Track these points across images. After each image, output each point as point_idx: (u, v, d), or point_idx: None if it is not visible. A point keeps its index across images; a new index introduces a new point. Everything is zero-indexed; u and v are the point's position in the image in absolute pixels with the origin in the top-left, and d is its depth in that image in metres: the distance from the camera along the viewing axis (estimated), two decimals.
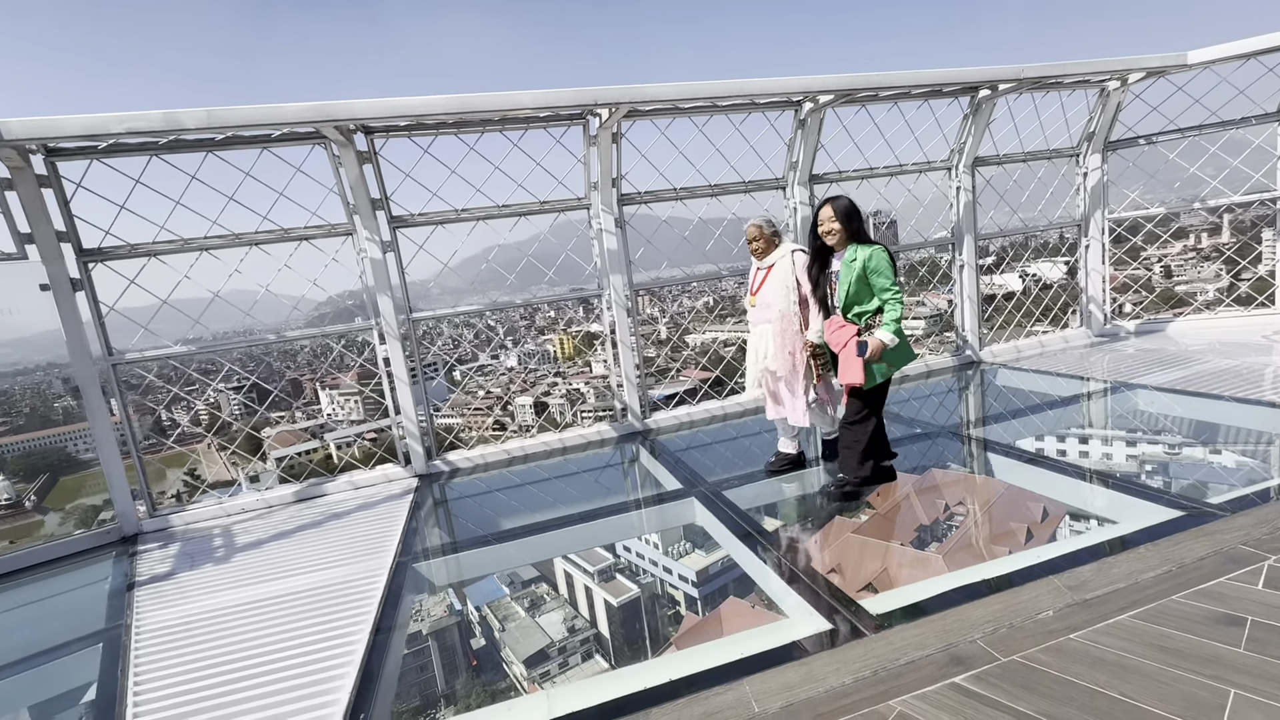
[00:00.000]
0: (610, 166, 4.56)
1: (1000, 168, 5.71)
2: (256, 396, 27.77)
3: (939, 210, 5.79)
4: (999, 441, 4.09)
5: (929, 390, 5.55)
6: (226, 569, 3.45)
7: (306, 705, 2.16)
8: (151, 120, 3.22)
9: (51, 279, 3.81)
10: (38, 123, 3.12)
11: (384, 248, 4.34)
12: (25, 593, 3.62)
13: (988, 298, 6.28)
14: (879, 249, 3.04)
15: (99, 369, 3.98)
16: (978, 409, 5.09)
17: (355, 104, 3.56)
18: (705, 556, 3.29)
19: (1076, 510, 3.17)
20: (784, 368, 3.47)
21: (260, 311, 4.39)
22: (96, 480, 20.29)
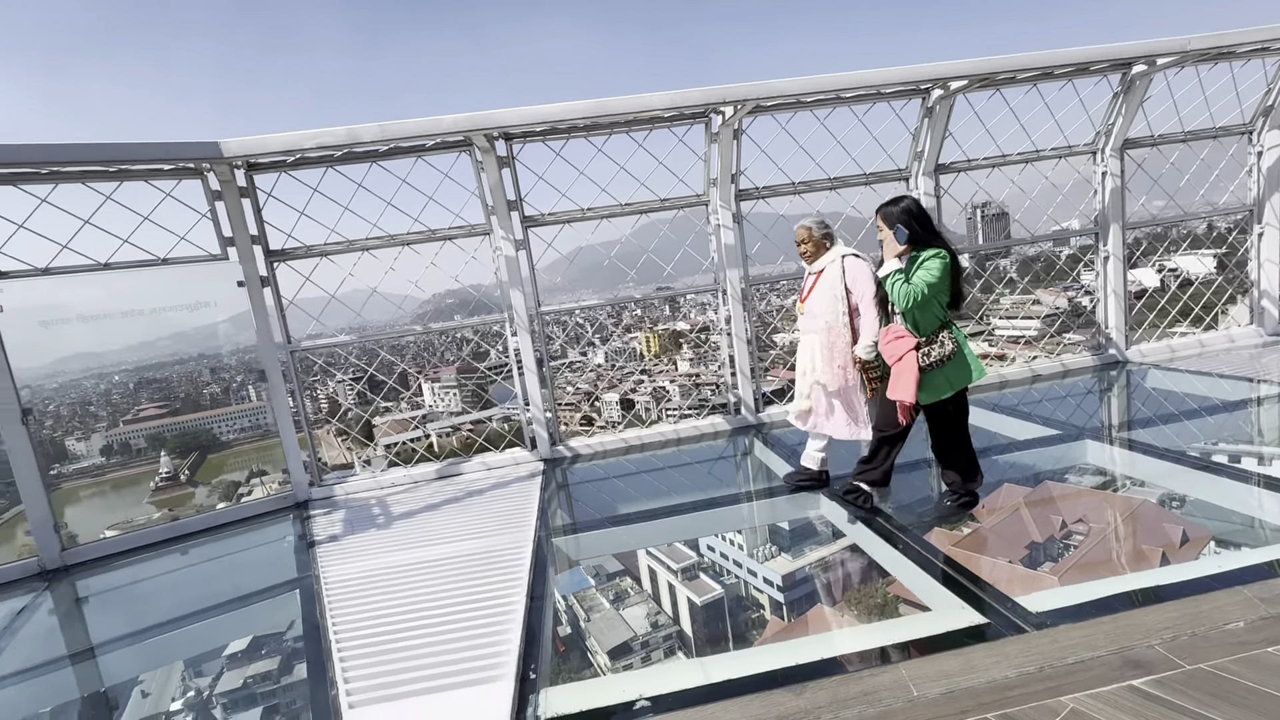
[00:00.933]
0: (730, 162, 4.64)
1: (1155, 149, 5.23)
2: (370, 387, 29.92)
3: (1078, 198, 5.39)
4: (1155, 445, 3.78)
5: (1065, 391, 5.19)
6: (388, 533, 3.87)
7: (482, 654, 2.41)
8: (337, 135, 3.68)
9: (246, 277, 4.41)
10: (248, 141, 3.66)
11: (517, 245, 4.66)
12: (231, 544, 4.24)
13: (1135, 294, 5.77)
14: (939, 251, 2.78)
15: (280, 355, 4.57)
16: (1124, 411, 4.71)
17: (503, 113, 3.86)
18: (830, 547, 3.31)
19: (1247, 521, 2.91)
20: (835, 382, 3.26)
21: (372, 311, 4.87)
22: (236, 458, 22.58)
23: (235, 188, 4.13)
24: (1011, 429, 4.45)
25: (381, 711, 2.17)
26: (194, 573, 4.02)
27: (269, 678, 2.73)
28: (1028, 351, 6.97)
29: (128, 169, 3.75)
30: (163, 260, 4.21)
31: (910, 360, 2.82)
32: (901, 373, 2.85)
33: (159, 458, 23.65)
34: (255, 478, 24.66)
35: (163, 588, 3.86)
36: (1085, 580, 2.46)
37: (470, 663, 2.37)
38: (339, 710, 2.20)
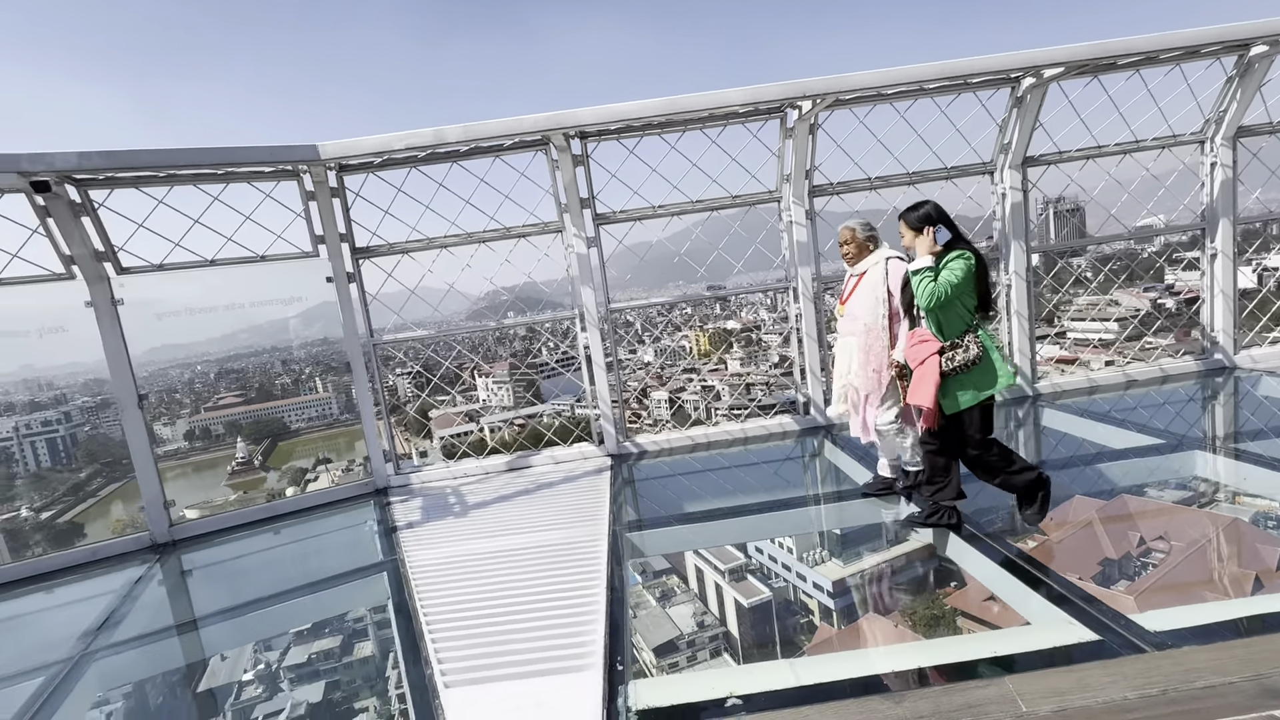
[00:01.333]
0: (805, 158, 4.55)
1: (1273, 137, 4.81)
2: (426, 382, 30.91)
3: (1180, 191, 5.02)
4: (1272, 459, 3.49)
5: (1164, 397, 4.85)
6: (465, 521, 4.00)
7: (568, 643, 2.45)
8: (424, 136, 3.82)
9: (334, 273, 4.64)
10: (343, 144, 3.84)
11: (588, 242, 4.72)
12: (318, 526, 4.47)
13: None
14: (962, 255, 2.70)
15: (363, 346, 4.78)
16: (1235, 421, 4.37)
17: (581, 112, 3.91)
18: (908, 553, 3.21)
19: None
20: (868, 386, 3.21)
21: (425, 308, 5.02)
22: (304, 445, 23.75)
23: (327, 188, 4.34)
24: (1104, 436, 4.20)
25: (475, 693, 2.24)
26: (288, 551, 4.26)
27: (366, 653, 2.86)
28: (1103, 355, 6.57)
29: (234, 171, 4.00)
30: (261, 257, 4.48)
31: (932, 364, 2.73)
32: (922, 377, 2.76)
33: (235, 443, 25.21)
34: (320, 465, 25.97)
35: (260, 564, 4.12)
36: (1206, 600, 2.29)
37: (557, 651, 2.42)
38: (435, 689, 2.28)
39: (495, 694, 2.21)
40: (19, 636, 3.52)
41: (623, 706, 2.08)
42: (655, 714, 2.06)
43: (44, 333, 4.06)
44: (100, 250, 4.00)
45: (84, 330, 4.15)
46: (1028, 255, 4.84)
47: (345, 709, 2.87)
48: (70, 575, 4.03)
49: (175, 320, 4.44)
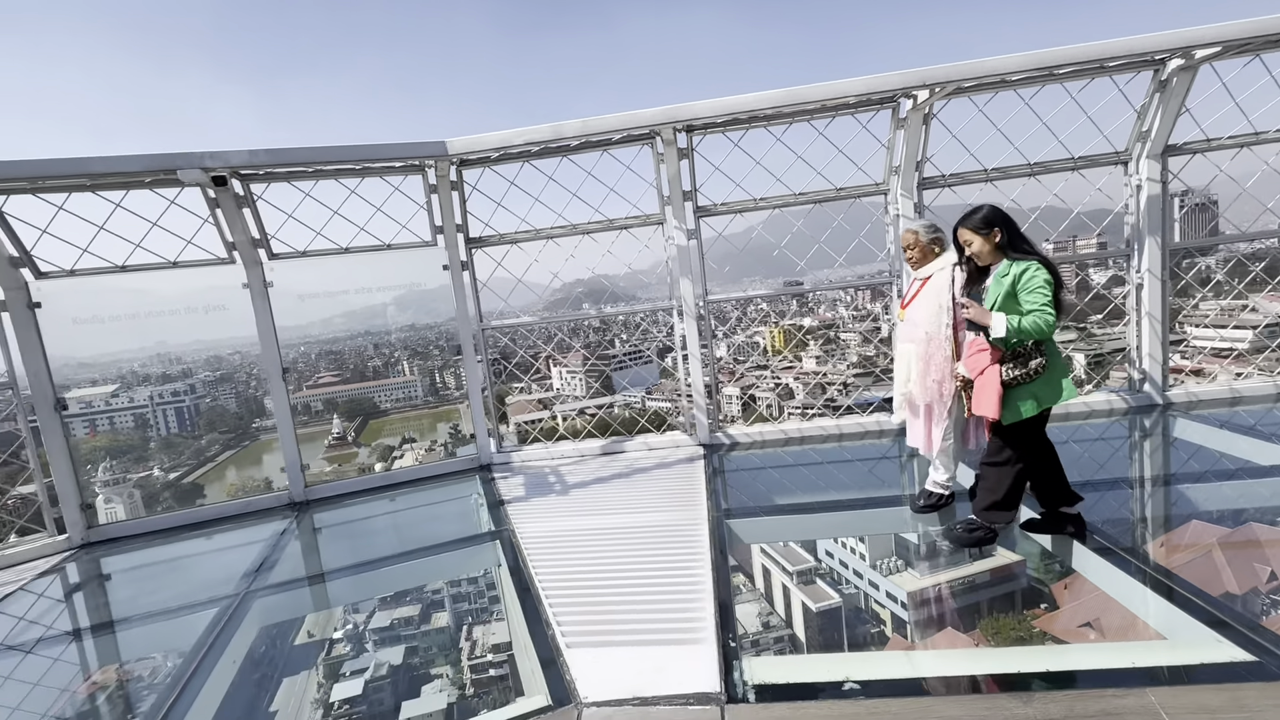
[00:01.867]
0: (916, 149, 4.42)
1: None
2: (504, 369, 32.01)
3: None
4: None
5: None
6: (567, 499, 4.20)
7: (679, 617, 2.56)
8: (541, 132, 4.03)
9: (450, 261, 4.97)
10: (468, 140, 4.12)
11: (689, 234, 4.80)
12: (431, 495, 4.83)
13: None
14: (1035, 264, 2.53)
15: (474, 331, 5.09)
16: None
17: (693, 105, 3.99)
18: (991, 565, 3.09)
19: None
20: (926, 396, 3.08)
21: (519, 297, 5.22)
22: (392, 425, 25.24)
23: (448, 182, 4.65)
24: (1244, 451, 3.85)
25: (594, 654, 2.39)
26: (405, 516, 4.64)
27: (491, 611, 3.10)
28: (1238, 366, 5.98)
29: (370, 166, 4.37)
30: (388, 246, 4.87)
31: (993, 374, 2.62)
32: (984, 387, 2.65)
33: (331, 420, 27.22)
34: (406, 443, 27.62)
35: (383, 526, 4.50)
36: None
37: (670, 624, 2.53)
38: (559, 647, 2.46)
39: (617, 657, 2.35)
40: (195, 572, 4.05)
41: (739, 679, 2.16)
42: (771, 689, 2.12)
43: (209, 309, 4.58)
44: (256, 238, 4.48)
45: (227, 309, 4.68)
46: (1164, 253, 4.48)
47: (476, 656, 3.13)
48: (226, 524, 4.58)
49: (283, 302, 4.84)
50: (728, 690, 2.09)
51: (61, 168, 3.61)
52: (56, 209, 3.99)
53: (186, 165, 3.62)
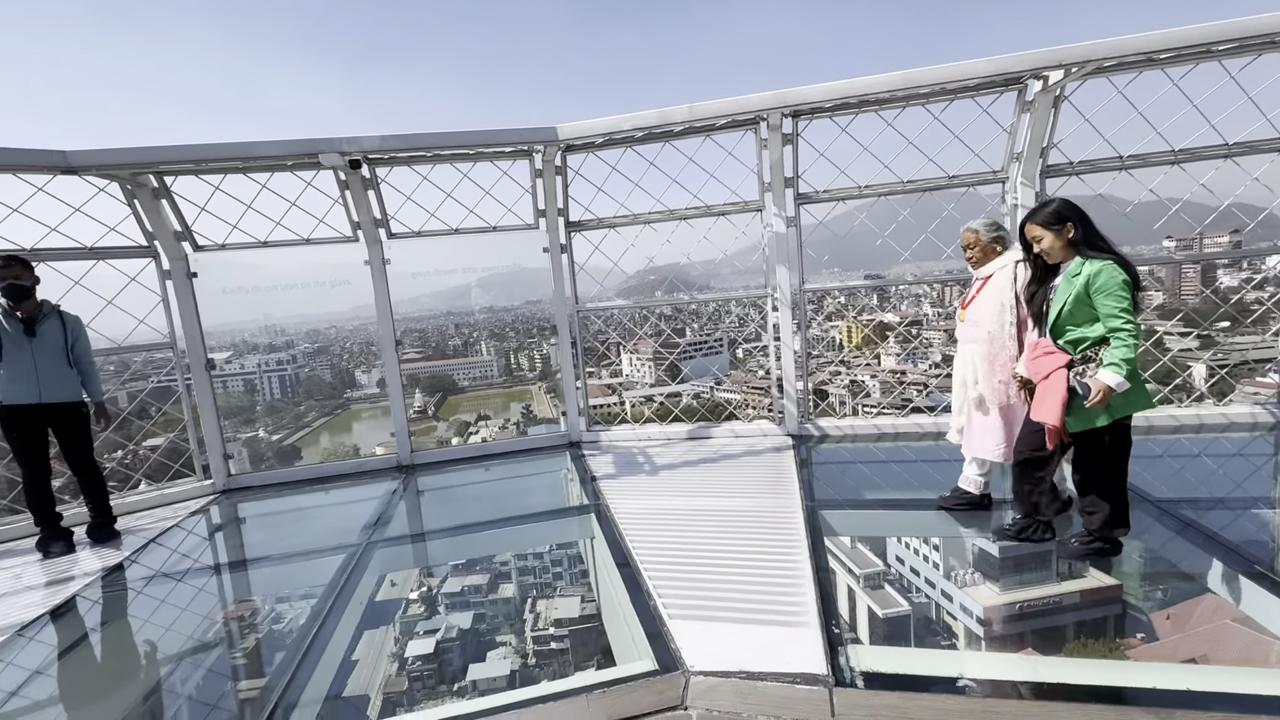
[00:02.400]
0: (1043, 134, 4.15)
1: None
2: (579, 352, 32.62)
3: None
4: None
5: None
6: (658, 480, 4.29)
7: (781, 599, 2.59)
8: (648, 118, 4.10)
9: (550, 244, 5.14)
10: (579, 125, 4.24)
11: (788, 222, 4.74)
12: (524, 467, 5.08)
13: None
14: (1111, 264, 2.36)
15: (569, 313, 5.26)
16: None
17: (804, 90, 3.92)
18: (1082, 586, 2.88)
19: None
20: (995, 397, 2.98)
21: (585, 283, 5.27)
22: (469, 402, 26.38)
23: (553, 166, 4.81)
24: None
25: (698, 628, 2.45)
26: (502, 485, 4.90)
27: (592, 577, 3.24)
28: None
29: (484, 151, 4.59)
30: (493, 228, 5.11)
31: (1059, 379, 2.45)
32: (1047, 391, 2.50)
33: (414, 394, 28.90)
34: (480, 420, 28.93)
35: (481, 492, 4.78)
36: None
37: (771, 605, 2.56)
38: (661, 618, 2.55)
39: (720, 632, 2.41)
40: (320, 522, 4.47)
41: (845, 664, 2.17)
42: (879, 678, 2.12)
43: (335, 284, 4.99)
44: (378, 218, 4.82)
45: (348, 284, 5.05)
46: None
47: (581, 621, 3.29)
48: (343, 480, 5.01)
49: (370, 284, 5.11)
50: (835, 674, 2.11)
51: (222, 151, 4.02)
52: (214, 189, 4.46)
53: (328, 149, 3.95)
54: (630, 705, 2.09)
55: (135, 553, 3.80)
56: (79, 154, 3.75)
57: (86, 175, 3.98)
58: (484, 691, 2.82)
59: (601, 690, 2.15)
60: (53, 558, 3.75)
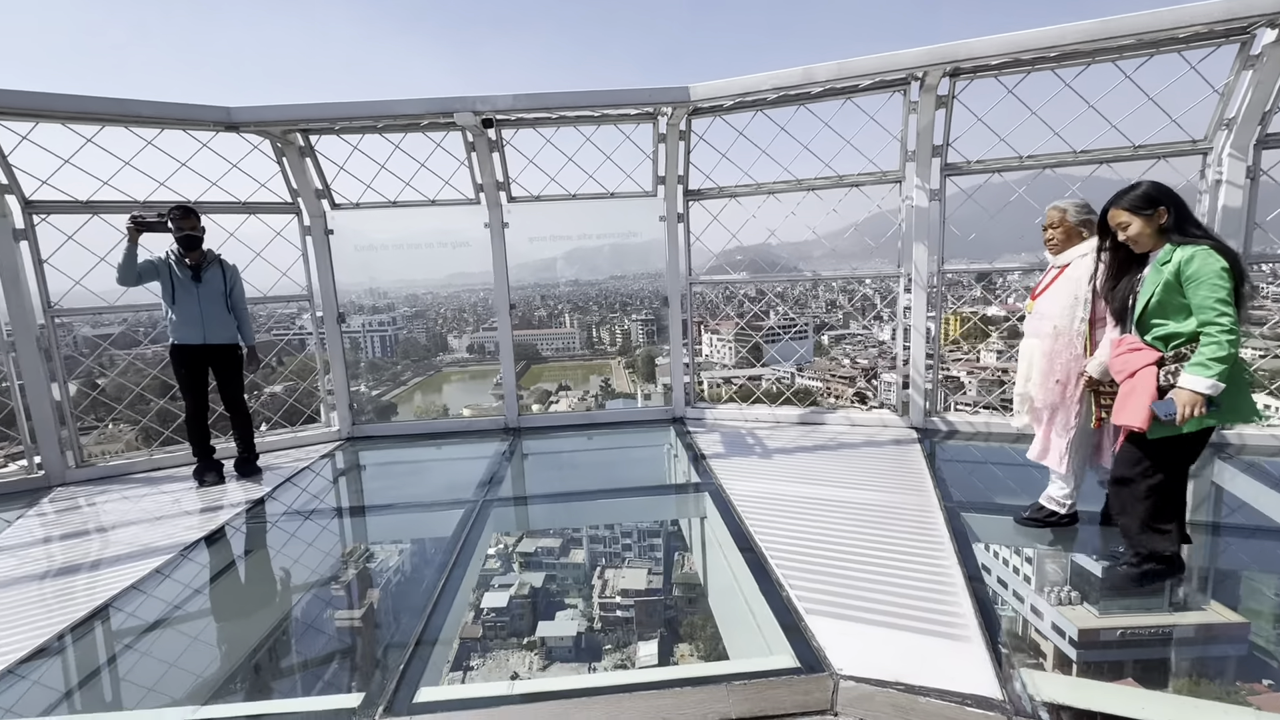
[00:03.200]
0: (1267, 96, 3.48)
1: None
2: (656, 330, 32.34)
3: None
4: None
5: None
6: (772, 463, 4.09)
7: (933, 605, 2.35)
8: (792, 76, 3.80)
9: (667, 213, 4.97)
10: (714, 85, 4.02)
11: (930, 195, 4.30)
12: (626, 439, 5.03)
13: None
14: (1206, 249, 2.08)
15: (682, 286, 5.09)
16: None
17: (974, 43, 3.49)
18: (1198, 619, 2.41)
19: None
20: (1047, 399, 2.73)
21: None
22: (550, 372, 27.18)
23: (678, 131, 4.61)
24: None
25: (838, 627, 2.26)
26: (606, 455, 4.88)
27: (698, 557, 3.12)
28: None
29: (608, 113, 4.46)
30: (611, 194, 5.00)
31: (1147, 378, 2.20)
32: (1133, 391, 2.23)
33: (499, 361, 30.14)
34: (561, 390, 29.71)
35: (586, 460, 4.78)
36: None
37: (922, 612, 2.32)
38: (797, 611, 2.37)
39: (868, 635, 2.21)
40: (436, 475, 4.65)
41: (1022, 691, 1.92)
42: (1065, 711, 1.85)
43: (456, 245, 5.08)
44: (500, 181, 4.83)
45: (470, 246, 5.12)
46: None
47: (694, 601, 3.20)
48: (454, 438, 5.16)
49: (468, 251, 5.09)
50: (1011, 700, 1.86)
51: (364, 109, 4.13)
52: (353, 148, 4.62)
53: (462, 108, 3.96)
54: (772, 702, 1.94)
55: (275, 489, 4.07)
56: (240, 110, 3.96)
57: (245, 131, 4.21)
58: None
59: (742, 682, 2.01)
60: (206, 486, 4.09)
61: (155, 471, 4.49)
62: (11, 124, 3.81)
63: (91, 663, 2.42)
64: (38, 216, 4.10)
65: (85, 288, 4.22)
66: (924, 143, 4.18)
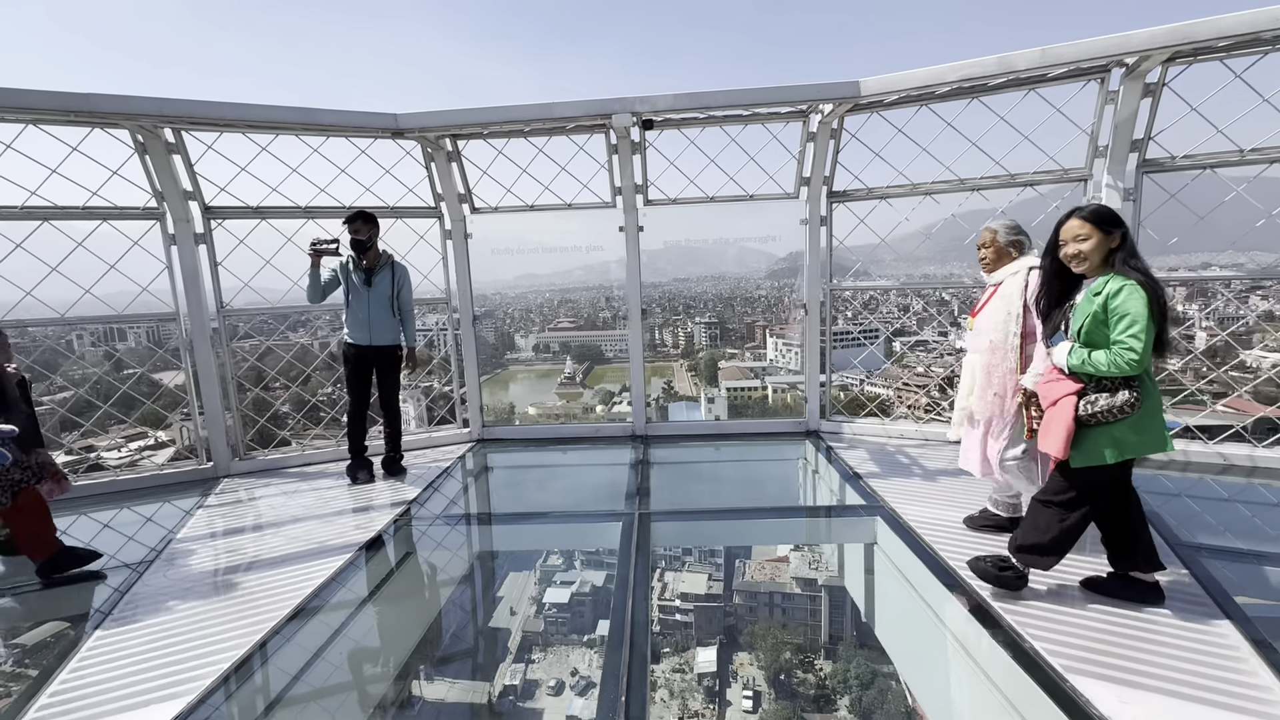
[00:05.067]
0: None
1: None
2: (720, 334, 31.52)
3: None
4: None
5: None
6: (945, 487, 3.74)
7: (1218, 676, 2.02)
8: (985, 65, 3.49)
9: (810, 216, 4.73)
10: (889, 78, 3.75)
11: (1125, 195, 3.87)
12: (756, 451, 4.83)
13: None
14: (1134, 285, 2.10)
15: (821, 291, 4.83)
16: None
17: (1223, 20, 3.07)
18: None
19: None
20: (986, 411, 2.81)
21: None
22: (612, 373, 27.28)
23: (829, 129, 4.36)
24: None
25: (1112, 692, 1.97)
26: (739, 468, 4.69)
27: (908, 591, 2.88)
28: None
29: (759, 112, 4.27)
30: (750, 196, 4.81)
31: (1066, 406, 2.25)
32: (1053, 420, 2.30)
33: (565, 361, 30.45)
34: (624, 391, 29.73)
35: (721, 472, 4.61)
36: None
37: (1202, 678, 2.00)
38: (1050, 667, 2.10)
39: (1152, 705, 1.91)
40: (578, 483, 4.61)
41: None
42: None
43: (589, 249, 5.03)
44: (639, 184, 4.73)
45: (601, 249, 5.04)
46: None
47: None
48: (581, 444, 5.11)
49: (534, 255, 4.95)
50: None
51: (524, 113, 4.12)
52: (497, 152, 4.64)
53: (620, 109, 3.87)
54: None
55: (425, 490, 4.11)
56: (406, 116, 4.03)
57: (408, 137, 4.29)
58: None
59: None
60: (359, 484, 4.18)
61: (307, 466, 4.65)
62: (201, 134, 4.02)
63: (315, 643, 2.50)
64: (214, 221, 4.32)
65: (253, 289, 4.42)
66: (1121, 136, 3.76)
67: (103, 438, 8.94)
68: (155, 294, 4.22)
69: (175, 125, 3.86)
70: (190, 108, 3.64)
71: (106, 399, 4.27)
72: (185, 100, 3.60)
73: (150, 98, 3.52)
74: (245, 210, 4.38)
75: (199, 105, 3.66)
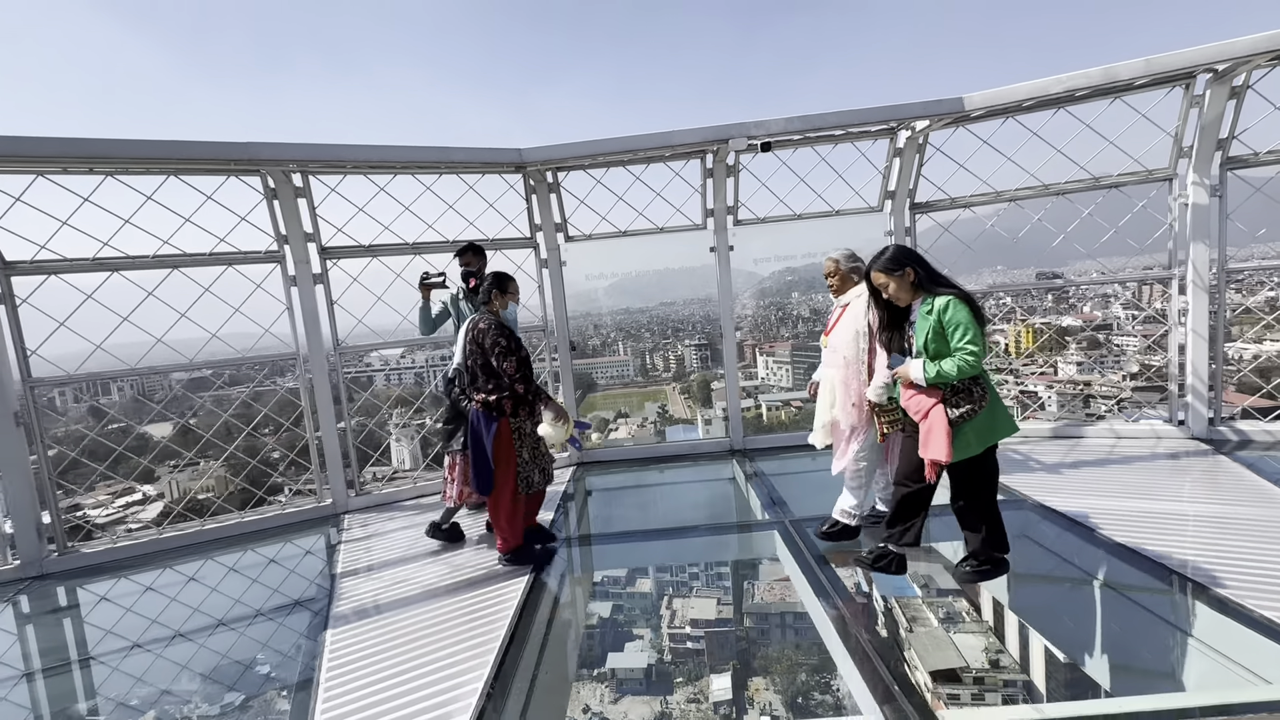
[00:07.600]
0: None
1: None
2: (710, 354, 31.81)
3: None
4: None
5: None
6: (1075, 479, 3.87)
7: None
8: (1090, 76, 3.73)
9: (894, 228, 4.92)
10: (988, 94, 3.97)
11: (1211, 191, 4.10)
12: None
13: None
14: (954, 299, 2.49)
15: None
16: None
17: None
18: None
19: None
20: (850, 421, 3.11)
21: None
22: (605, 400, 26.87)
23: (915, 144, 4.58)
24: None
25: None
26: None
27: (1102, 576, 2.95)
28: None
29: (851, 130, 4.49)
30: (836, 212, 5.00)
31: (939, 415, 2.52)
32: (932, 429, 2.54)
33: (557, 389, 30.64)
34: (620, 418, 29.75)
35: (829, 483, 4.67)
36: None
37: None
38: None
39: None
40: (657, 499, 4.68)
41: None
42: None
43: (679, 270, 5.17)
44: (730, 205, 4.91)
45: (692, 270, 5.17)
46: None
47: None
48: (678, 462, 5.17)
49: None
50: None
51: (630, 144, 4.30)
52: (595, 181, 4.81)
53: (737, 134, 4.06)
54: None
55: (554, 513, 4.14)
56: (530, 151, 4.20)
57: (531, 170, 4.45)
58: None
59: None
60: (474, 512, 4.14)
61: (420, 499, 4.67)
62: (325, 177, 4.15)
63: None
64: (330, 261, 4.41)
65: (366, 325, 4.50)
66: (1207, 136, 4.00)
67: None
68: (276, 335, 4.28)
69: (308, 170, 3.98)
70: (333, 151, 3.78)
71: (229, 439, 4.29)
72: (326, 145, 3.74)
73: (298, 144, 3.66)
74: (358, 249, 4.48)
75: (340, 149, 3.81)
